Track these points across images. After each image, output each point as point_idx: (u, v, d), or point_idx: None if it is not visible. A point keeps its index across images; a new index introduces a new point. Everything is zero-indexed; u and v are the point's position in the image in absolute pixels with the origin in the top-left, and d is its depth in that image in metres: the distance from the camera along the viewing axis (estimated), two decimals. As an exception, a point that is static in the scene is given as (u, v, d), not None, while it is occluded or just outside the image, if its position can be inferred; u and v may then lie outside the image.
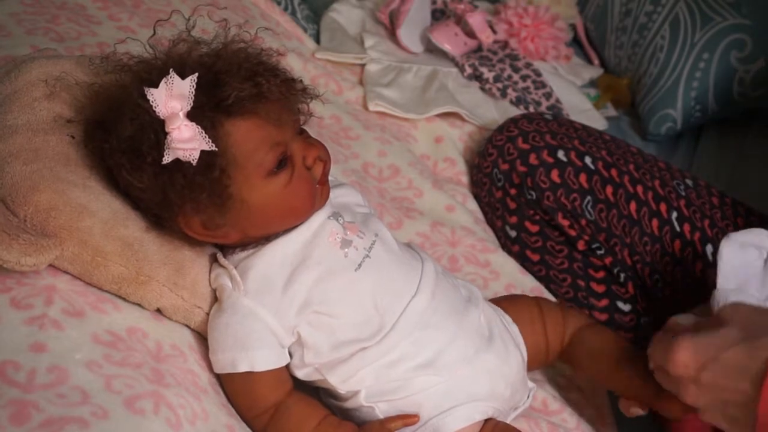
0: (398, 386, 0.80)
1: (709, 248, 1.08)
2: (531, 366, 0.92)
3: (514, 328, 0.91)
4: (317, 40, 1.47)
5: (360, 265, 0.80)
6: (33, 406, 0.62)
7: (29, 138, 0.76)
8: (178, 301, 0.77)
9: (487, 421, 0.84)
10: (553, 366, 1.03)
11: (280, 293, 0.77)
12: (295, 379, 0.81)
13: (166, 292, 0.76)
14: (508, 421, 0.87)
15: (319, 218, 0.81)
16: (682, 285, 1.08)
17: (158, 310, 0.77)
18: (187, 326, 0.80)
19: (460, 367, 0.81)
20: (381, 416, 0.81)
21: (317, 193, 0.79)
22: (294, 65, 1.30)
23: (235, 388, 0.78)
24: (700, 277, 1.07)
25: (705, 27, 1.50)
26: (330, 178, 0.83)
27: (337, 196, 0.85)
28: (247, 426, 0.78)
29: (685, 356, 0.74)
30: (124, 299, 0.76)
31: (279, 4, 1.43)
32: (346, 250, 0.80)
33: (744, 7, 1.50)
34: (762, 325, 0.72)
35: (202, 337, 0.80)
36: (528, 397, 0.90)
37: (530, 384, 0.91)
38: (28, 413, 0.61)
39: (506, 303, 0.94)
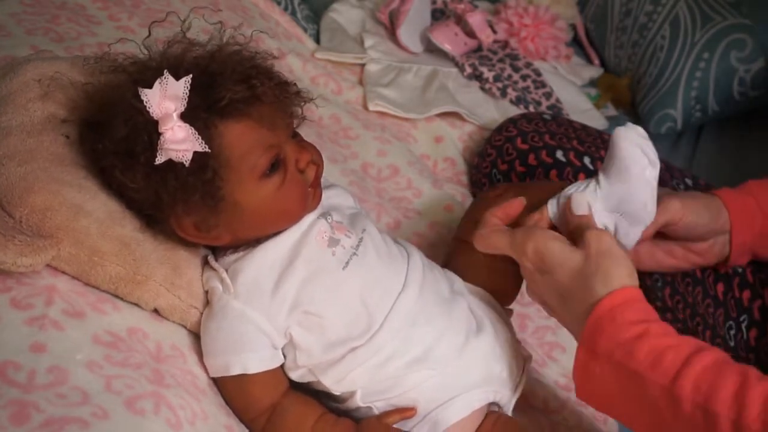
0: (392, 384, 0.80)
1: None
2: (511, 291, 0.92)
3: (499, 306, 0.90)
4: (317, 40, 1.47)
5: (347, 263, 0.80)
6: (33, 407, 0.62)
7: (23, 139, 0.76)
8: (175, 301, 0.77)
9: (489, 413, 0.84)
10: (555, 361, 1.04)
11: (270, 295, 0.77)
12: (294, 382, 0.82)
13: (163, 291, 0.76)
14: (511, 405, 0.87)
15: (308, 219, 0.81)
16: (682, 284, 1.08)
17: (155, 310, 0.77)
18: (184, 327, 0.80)
19: (452, 357, 0.81)
20: (379, 414, 0.81)
21: (309, 196, 0.79)
22: (294, 65, 1.30)
23: (230, 391, 0.78)
24: (699, 276, 1.07)
25: (705, 27, 1.50)
26: (322, 178, 0.83)
27: (328, 197, 0.85)
28: (245, 427, 0.78)
29: (532, 249, 0.77)
30: (124, 299, 0.76)
31: (279, 4, 1.44)
32: (334, 249, 0.80)
33: (744, 6, 1.50)
34: (600, 266, 0.74)
35: (200, 338, 0.80)
36: (523, 371, 0.89)
37: (525, 352, 0.91)
38: (28, 413, 0.61)
39: (458, 262, 0.93)
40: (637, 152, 0.79)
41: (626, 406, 0.73)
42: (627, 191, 0.81)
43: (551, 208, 0.83)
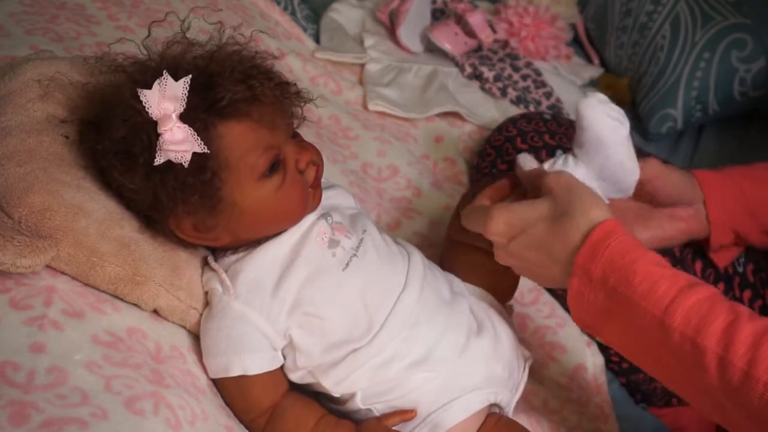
0: (393, 386, 0.80)
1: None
2: (509, 289, 0.93)
3: (498, 304, 0.91)
4: (317, 40, 1.47)
5: (347, 264, 0.80)
6: (32, 407, 0.62)
7: (23, 139, 0.76)
8: (174, 301, 0.77)
9: (489, 415, 0.84)
10: (555, 361, 1.04)
11: (270, 296, 0.77)
12: (294, 383, 0.82)
13: (162, 292, 0.76)
14: (512, 406, 0.87)
15: (309, 219, 0.81)
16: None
17: (155, 311, 0.77)
18: (183, 327, 0.80)
19: (453, 359, 0.81)
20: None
21: (309, 197, 0.79)
22: (293, 65, 1.30)
23: (230, 391, 0.78)
24: (699, 276, 1.06)
25: (706, 26, 1.50)
26: (322, 179, 0.83)
27: (328, 197, 0.85)
28: (245, 428, 0.78)
29: (498, 226, 0.79)
30: (123, 300, 0.76)
31: (279, 3, 1.43)
32: (334, 250, 0.80)
33: (744, 6, 1.50)
34: (571, 203, 0.75)
35: (199, 339, 0.80)
36: (524, 369, 0.90)
37: (525, 353, 0.91)
38: (27, 414, 0.61)
39: (453, 262, 0.94)
40: (603, 118, 0.82)
41: (618, 331, 0.74)
42: (604, 157, 0.83)
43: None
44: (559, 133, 1.16)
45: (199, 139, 0.71)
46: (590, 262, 0.73)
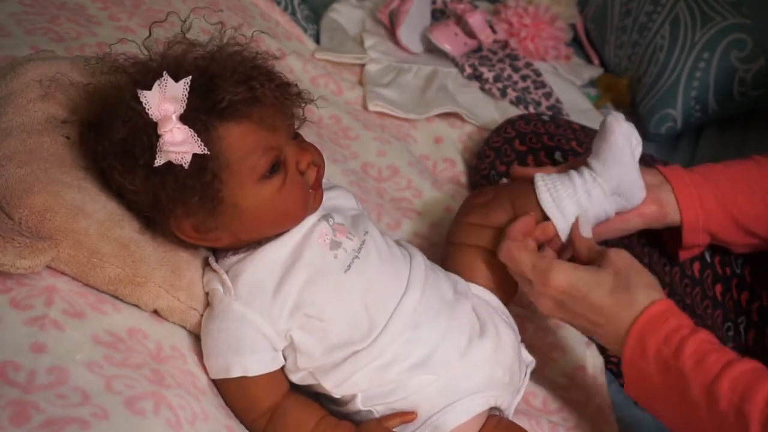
0: (394, 388, 0.80)
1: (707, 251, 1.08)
2: (512, 288, 0.94)
3: (502, 306, 0.91)
4: (317, 41, 1.47)
5: (349, 266, 0.80)
6: (33, 407, 0.62)
7: (23, 140, 0.76)
8: (174, 302, 0.77)
9: (489, 417, 0.84)
10: (555, 362, 1.04)
11: (271, 297, 0.77)
12: (295, 384, 0.82)
13: (162, 293, 0.76)
14: (512, 409, 0.87)
15: (310, 221, 0.81)
16: (680, 285, 1.08)
17: (155, 312, 0.77)
18: (184, 327, 0.80)
19: (454, 362, 0.81)
20: (379, 418, 0.81)
21: (310, 198, 0.79)
22: (294, 66, 1.30)
23: (230, 392, 0.78)
24: (698, 277, 1.07)
25: (705, 26, 1.50)
26: (323, 179, 0.83)
27: (330, 198, 0.85)
28: (246, 428, 0.78)
29: (561, 283, 0.83)
30: (123, 300, 0.76)
31: (279, 4, 1.44)
32: (336, 251, 0.80)
33: (744, 6, 1.50)
34: (633, 279, 0.82)
35: (200, 339, 0.80)
36: (525, 374, 0.90)
37: (528, 358, 0.91)
38: (28, 414, 0.61)
39: (456, 264, 0.94)
40: (626, 137, 0.89)
41: (668, 401, 0.79)
42: (622, 173, 0.90)
43: (558, 224, 0.90)
44: (557, 134, 1.16)
45: (200, 140, 0.71)
46: (646, 336, 0.79)
